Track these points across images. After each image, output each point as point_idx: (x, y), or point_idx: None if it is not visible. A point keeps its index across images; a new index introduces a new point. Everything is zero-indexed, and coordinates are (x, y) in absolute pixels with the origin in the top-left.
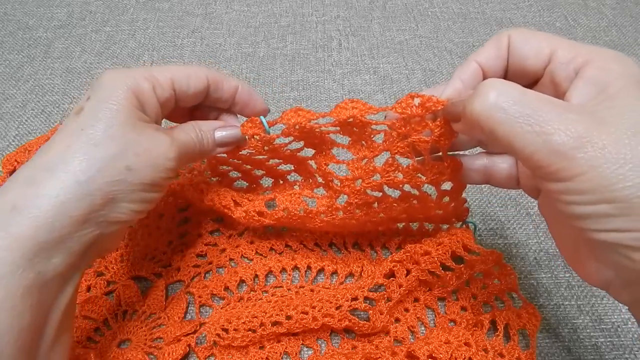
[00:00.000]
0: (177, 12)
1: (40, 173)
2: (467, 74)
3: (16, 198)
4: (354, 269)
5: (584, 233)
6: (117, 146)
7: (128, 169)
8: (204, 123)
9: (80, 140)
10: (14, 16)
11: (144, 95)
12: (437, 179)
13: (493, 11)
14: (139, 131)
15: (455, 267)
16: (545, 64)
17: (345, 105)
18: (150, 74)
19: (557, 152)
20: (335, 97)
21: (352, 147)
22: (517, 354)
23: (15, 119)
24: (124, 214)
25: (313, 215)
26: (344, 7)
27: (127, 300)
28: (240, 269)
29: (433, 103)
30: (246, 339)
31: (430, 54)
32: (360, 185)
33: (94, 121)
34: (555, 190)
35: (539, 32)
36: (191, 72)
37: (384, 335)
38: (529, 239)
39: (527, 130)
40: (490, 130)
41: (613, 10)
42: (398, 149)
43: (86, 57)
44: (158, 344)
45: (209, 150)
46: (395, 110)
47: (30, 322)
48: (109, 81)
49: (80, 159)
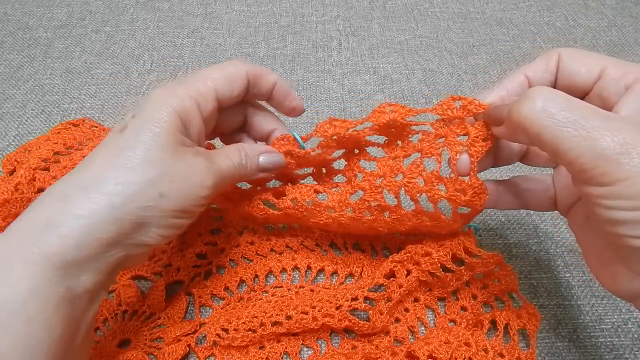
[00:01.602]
0: (177, 12)
1: (75, 191)
2: (513, 84)
3: (49, 215)
4: (354, 269)
5: (619, 239)
6: (153, 172)
7: (161, 196)
8: (249, 147)
9: (118, 162)
10: (14, 16)
11: (188, 116)
12: (456, 197)
13: (493, 11)
14: (178, 157)
15: (455, 269)
16: (595, 80)
17: (383, 109)
18: (195, 89)
19: (602, 156)
20: (335, 97)
21: (386, 146)
22: (517, 354)
23: (15, 119)
24: (151, 239)
25: (321, 209)
26: (344, 7)
27: (127, 300)
28: (241, 269)
29: (475, 106)
30: (246, 339)
31: (430, 54)
32: (381, 182)
33: (134, 142)
34: (597, 194)
35: (589, 52)
36: (233, 74)
37: (384, 335)
38: (529, 239)
39: (574, 134)
40: (536, 133)
41: (613, 10)
42: (431, 149)
43: (86, 57)
44: (158, 344)
45: (251, 175)
46: (436, 112)
47: (61, 335)
48: (155, 101)
49: (116, 182)
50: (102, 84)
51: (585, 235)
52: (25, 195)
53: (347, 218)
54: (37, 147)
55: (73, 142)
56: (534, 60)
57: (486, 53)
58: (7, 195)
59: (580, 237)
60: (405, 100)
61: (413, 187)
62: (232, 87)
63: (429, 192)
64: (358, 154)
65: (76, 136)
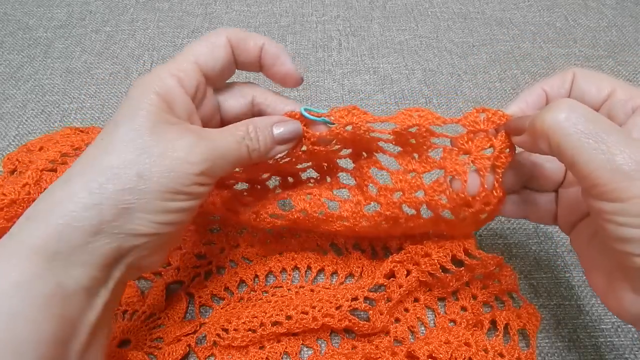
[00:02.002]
0: (177, 12)
1: (58, 185)
2: (532, 97)
3: (32, 208)
4: (354, 269)
5: (626, 258)
6: (130, 152)
7: (140, 176)
8: (260, 120)
9: (97, 150)
10: (14, 16)
11: (170, 94)
12: (481, 210)
13: (493, 11)
14: (157, 134)
15: (455, 270)
16: (604, 100)
17: (410, 112)
18: (176, 66)
19: (619, 172)
20: (335, 97)
21: (400, 157)
22: (517, 354)
23: (15, 119)
24: (143, 226)
25: (334, 220)
26: (344, 7)
27: (127, 300)
28: (240, 269)
29: (499, 117)
30: (246, 339)
31: (430, 54)
32: (399, 198)
33: (113, 128)
34: (608, 210)
35: (601, 73)
36: (213, 43)
37: (384, 335)
38: (529, 239)
39: (593, 147)
40: (557, 142)
41: (613, 10)
42: (455, 167)
43: (86, 57)
44: (158, 344)
45: (267, 148)
46: (463, 124)
47: (52, 334)
48: (136, 87)
49: (92, 168)
50: (102, 84)
51: (590, 255)
52: (32, 196)
53: (362, 227)
54: (39, 147)
55: (81, 144)
56: (551, 76)
57: (486, 53)
58: (13, 195)
59: (584, 256)
60: (405, 100)
61: (436, 204)
62: (214, 57)
63: (453, 210)
64: (367, 158)
65: (84, 138)
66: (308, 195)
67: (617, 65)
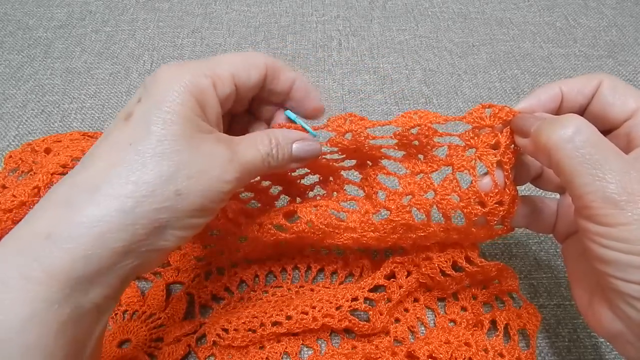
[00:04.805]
0: (177, 12)
1: (79, 194)
2: (546, 95)
3: (51, 224)
4: (354, 269)
5: (607, 280)
6: (168, 167)
7: (178, 194)
8: (281, 134)
9: (127, 158)
10: (14, 16)
11: (204, 95)
12: (495, 210)
13: (493, 11)
14: (195, 147)
15: (454, 275)
16: (627, 118)
17: (410, 114)
18: (210, 68)
19: (610, 200)
20: (335, 97)
21: (405, 160)
22: (517, 354)
23: (15, 119)
24: (169, 242)
25: (340, 231)
26: (344, 7)
27: (127, 300)
28: (241, 269)
29: (506, 113)
30: (246, 339)
31: (430, 54)
32: (409, 202)
33: (143, 133)
34: (595, 231)
35: (629, 86)
36: (251, 61)
37: (384, 335)
38: (529, 239)
39: (591, 172)
40: (557, 161)
41: (613, 10)
42: (462, 163)
43: (86, 57)
44: (158, 344)
45: (282, 165)
46: (467, 121)
47: (63, 358)
48: (163, 80)
49: (125, 182)
50: (102, 84)
51: (577, 269)
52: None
53: (370, 238)
54: (44, 148)
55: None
56: (574, 77)
57: (486, 53)
58: (23, 197)
59: (571, 269)
60: (405, 100)
61: (447, 204)
62: (249, 74)
63: (465, 208)
64: (372, 166)
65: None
66: (314, 208)
67: (617, 65)
